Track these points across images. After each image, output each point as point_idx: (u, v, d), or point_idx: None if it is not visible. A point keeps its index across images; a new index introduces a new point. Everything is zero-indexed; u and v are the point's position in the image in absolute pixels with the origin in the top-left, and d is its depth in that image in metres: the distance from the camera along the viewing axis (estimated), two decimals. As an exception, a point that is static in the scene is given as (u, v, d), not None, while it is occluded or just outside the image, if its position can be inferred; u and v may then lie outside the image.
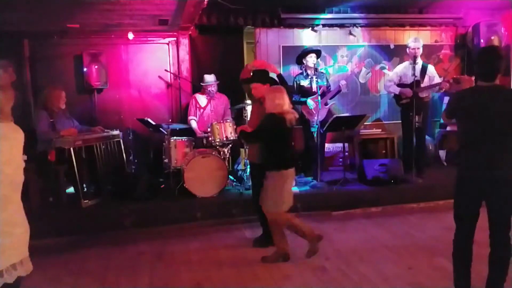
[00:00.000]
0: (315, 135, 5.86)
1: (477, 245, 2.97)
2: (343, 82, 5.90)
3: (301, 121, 6.14)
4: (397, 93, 5.95)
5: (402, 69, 6.00)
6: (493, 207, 2.90)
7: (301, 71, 6.17)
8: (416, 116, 5.65)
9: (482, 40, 6.72)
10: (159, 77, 6.62)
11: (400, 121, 6.18)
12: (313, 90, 5.88)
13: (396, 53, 7.02)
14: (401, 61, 6.58)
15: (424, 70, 5.82)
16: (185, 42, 6.58)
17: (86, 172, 5.11)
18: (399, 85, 5.94)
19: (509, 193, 2.84)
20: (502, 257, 2.91)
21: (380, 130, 7.05)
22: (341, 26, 6.92)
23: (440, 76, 5.96)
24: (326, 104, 5.94)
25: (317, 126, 5.74)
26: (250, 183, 5.63)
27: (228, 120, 5.62)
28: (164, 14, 5.47)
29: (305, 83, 6.01)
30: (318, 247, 3.95)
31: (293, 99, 6.09)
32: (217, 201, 5.20)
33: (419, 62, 5.80)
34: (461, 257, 3.04)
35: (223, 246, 4.38)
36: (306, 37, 6.87)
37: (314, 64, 6.01)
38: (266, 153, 3.95)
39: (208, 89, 5.99)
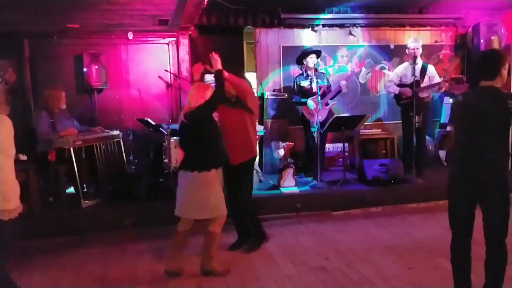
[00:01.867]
0: (315, 135, 5.86)
1: (478, 245, 2.97)
2: (343, 82, 5.89)
3: (302, 122, 6.15)
4: (396, 93, 5.94)
5: (402, 70, 6.00)
6: (486, 210, 2.86)
7: (301, 71, 6.16)
8: (416, 116, 5.65)
9: (482, 40, 6.72)
10: (159, 77, 6.62)
11: (400, 121, 6.18)
12: (313, 91, 5.88)
13: (396, 53, 7.02)
14: (401, 61, 6.59)
15: (424, 70, 5.81)
16: (185, 42, 6.58)
17: (86, 172, 5.11)
18: (399, 85, 5.94)
19: (501, 196, 2.80)
20: (496, 263, 2.87)
21: (380, 130, 7.06)
22: (341, 26, 6.93)
23: (440, 76, 5.96)
24: (326, 104, 5.94)
25: (317, 126, 5.73)
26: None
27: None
28: (164, 14, 5.47)
29: (305, 83, 6.00)
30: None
31: (293, 99, 6.11)
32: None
33: (419, 62, 5.80)
34: (460, 263, 3.01)
35: (223, 246, 4.37)
36: (306, 37, 6.88)
37: (314, 65, 6.00)
38: (210, 151, 3.60)
39: (208, 88, 5.99)
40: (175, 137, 5.49)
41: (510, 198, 2.83)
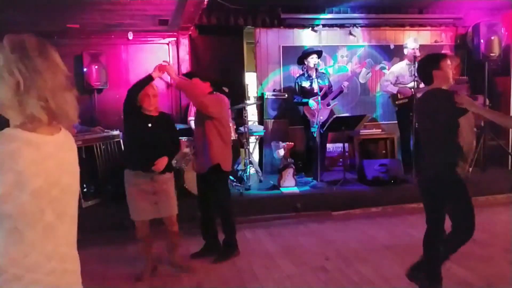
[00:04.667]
0: (315, 135, 5.86)
1: (477, 245, 2.97)
2: (345, 83, 5.91)
3: (303, 122, 6.15)
4: (394, 92, 5.94)
5: (399, 70, 6.00)
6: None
7: (302, 71, 6.16)
8: (416, 116, 5.66)
9: (482, 40, 6.70)
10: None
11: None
12: (315, 91, 5.88)
13: (396, 53, 7.01)
14: (401, 61, 6.59)
15: (421, 71, 5.81)
16: (185, 42, 6.58)
17: (86, 172, 5.11)
18: (396, 85, 5.94)
19: (440, 189, 2.96)
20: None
21: (380, 130, 7.05)
22: (341, 26, 6.93)
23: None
24: (328, 104, 5.94)
25: (317, 127, 5.74)
26: (249, 184, 5.65)
27: (227, 121, 5.62)
28: (164, 14, 5.47)
29: (306, 84, 6.01)
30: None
31: (295, 100, 6.12)
32: (217, 201, 5.19)
33: (417, 62, 5.80)
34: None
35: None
36: (306, 37, 6.88)
37: (315, 65, 6.00)
38: None
39: (208, 88, 5.98)
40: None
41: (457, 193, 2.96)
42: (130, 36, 6.15)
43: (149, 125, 3.57)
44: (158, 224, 4.42)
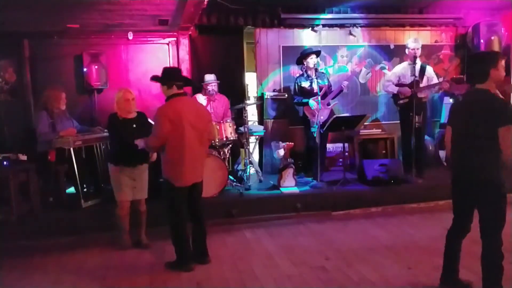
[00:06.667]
0: (315, 135, 5.86)
1: (477, 245, 2.97)
2: (345, 83, 5.91)
3: (303, 122, 6.15)
4: (395, 92, 5.94)
5: (400, 70, 6.00)
6: (481, 209, 2.95)
7: (301, 72, 6.16)
8: (416, 116, 5.65)
9: (482, 40, 6.72)
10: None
11: (399, 121, 6.17)
12: (314, 91, 5.87)
13: (396, 53, 7.02)
14: (401, 61, 6.58)
15: (423, 71, 5.82)
16: (185, 42, 6.58)
17: (86, 172, 5.11)
18: (397, 85, 5.94)
19: (494, 195, 2.88)
20: (490, 260, 2.91)
21: (380, 130, 7.05)
22: (341, 26, 6.93)
23: (439, 77, 5.95)
24: (328, 104, 5.94)
25: (316, 126, 5.73)
26: (249, 184, 5.66)
27: (227, 121, 5.63)
28: (164, 14, 5.47)
29: (306, 84, 6.00)
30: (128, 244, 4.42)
31: (295, 100, 6.11)
32: (217, 201, 5.20)
33: (418, 62, 5.80)
34: (449, 250, 3.17)
35: (223, 246, 4.38)
36: (306, 37, 6.88)
37: (314, 65, 6.00)
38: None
39: (208, 88, 5.98)
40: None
41: (504, 197, 2.89)
42: (130, 36, 6.16)
43: (134, 126, 4.27)
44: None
